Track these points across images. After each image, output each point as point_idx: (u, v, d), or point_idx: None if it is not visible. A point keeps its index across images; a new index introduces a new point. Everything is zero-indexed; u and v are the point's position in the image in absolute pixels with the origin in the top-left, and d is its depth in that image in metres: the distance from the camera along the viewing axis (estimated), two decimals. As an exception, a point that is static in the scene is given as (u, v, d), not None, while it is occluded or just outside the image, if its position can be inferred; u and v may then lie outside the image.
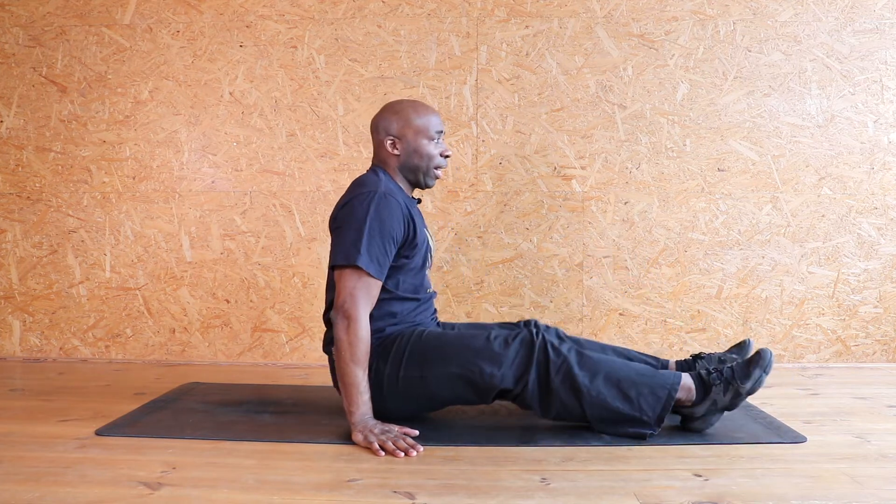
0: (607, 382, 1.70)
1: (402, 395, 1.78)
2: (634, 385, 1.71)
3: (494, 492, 1.39)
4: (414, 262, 1.85)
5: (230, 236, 2.73)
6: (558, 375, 1.70)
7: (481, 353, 1.74)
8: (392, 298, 1.82)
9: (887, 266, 2.66)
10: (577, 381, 1.70)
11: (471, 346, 1.76)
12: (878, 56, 2.63)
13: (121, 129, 2.74)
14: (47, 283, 2.78)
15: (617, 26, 2.65)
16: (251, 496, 1.37)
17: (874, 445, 1.66)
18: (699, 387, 1.72)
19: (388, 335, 1.81)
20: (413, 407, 1.83)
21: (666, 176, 2.66)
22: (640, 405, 1.69)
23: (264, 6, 2.70)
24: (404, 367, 1.77)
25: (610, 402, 1.70)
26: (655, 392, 1.70)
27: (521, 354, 1.73)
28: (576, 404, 1.71)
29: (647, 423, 1.69)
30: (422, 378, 1.76)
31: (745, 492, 1.37)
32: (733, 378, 1.70)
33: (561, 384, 1.70)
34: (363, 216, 1.74)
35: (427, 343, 1.80)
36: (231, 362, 2.73)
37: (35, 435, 1.77)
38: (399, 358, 1.78)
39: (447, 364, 1.76)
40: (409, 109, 1.88)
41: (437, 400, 1.83)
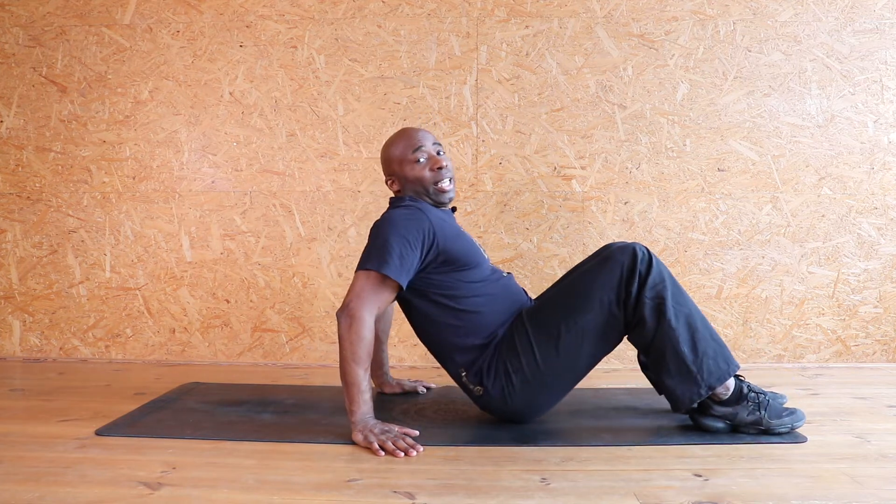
0: (687, 324, 1.70)
1: (550, 376, 1.76)
2: (707, 342, 1.70)
3: (494, 492, 1.39)
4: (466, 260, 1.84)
5: (230, 236, 2.73)
6: (651, 291, 1.70)
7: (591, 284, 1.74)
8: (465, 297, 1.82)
9: (887, 266, 2.66)
10: (665, 305, 1.69)
11: (580, 288, 1.76)
12: (878, 56, 2.63)
13: (121, 129, 2.74)
14: (47, 283, 2.78)
15: (617, 26, 2.65)
16: (251, 496, 1.37)
17: (874, 445, 1.66)
18: (735, 392, 1.73)
19: (503, 336, 1.81)
20: (566, 381, 1.80)
21: (666, 176, 2.66)
22: (702, 363, 1.69)
23: (264, 6, 2.70)
24: (536, 348, 1.76)
25: (679, 344, 1.69)
26: (721, 361, 1.70)
27: (626, 264, 1.72)
28: (652, 327, 1.70)
29: (697, 384, 1.68)
30: (557, 350, 1.74)
31: (745, 492, 1.37)
32: (766, 409, 1.72)
33: (650, 300, 1.70)
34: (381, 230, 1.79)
35: (539, 316, 1.79)
36: (231, 362, 2.73)
37: (35, 435, 1.77)
38: (526, 344, 1.76)
39: (569, 320, 1.74)
40: (386, 146, 1.96)
41: (580, 362, 1.78)
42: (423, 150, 1.89)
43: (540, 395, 1.78)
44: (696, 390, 1.69)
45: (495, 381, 1.78)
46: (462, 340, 1.81)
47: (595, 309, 1.73)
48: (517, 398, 1.77)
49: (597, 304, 1.73)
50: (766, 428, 1.72)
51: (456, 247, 1.83)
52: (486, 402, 1.82)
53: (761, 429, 1.72)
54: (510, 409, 1.80)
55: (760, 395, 1.74)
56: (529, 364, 1.75)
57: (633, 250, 1.74)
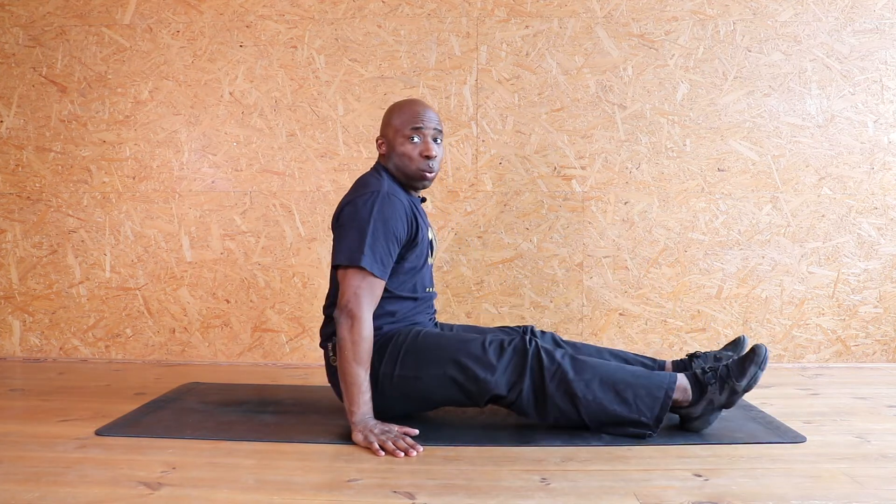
0: (603, 386, 1.70)
1: (396, 393, 1.78)
2: (631, 387, 1.70)
3: (494, 492, 1.39)
4: (412, 262, 1.85)
5: (230, 236, 2.73)
6: (553, 382, 1.70)
7: (477, 359, 1.74)
8: (391, 297, 1.82)
9: (887, 266, 2.66)
10: (572, 386, 1.70)
11: (466, 350, 1.76)
12: (878, 56, 2.63)
13: (121, 129, 2.74)
14: (47, 283, 2.78)
15: (617, 26, 2.65)
16: (251, 496, 1.37)
17: (874, 445, 1.66)
18: (695, 386, 1.72)
19: (385, 333, 1.81)
20: (406, 406, 1.83)
21: (666, 176, 2.66)
22: (638, 407, 1.69)
23: (264, 6, 2.70)
24: (399, 365, 1.77)
25: (607, 406, 1.70)
26: (652, 393, 1.70)
27: (514, 362, 1.73)
28: (573, 409, 1.71)
29: (646, 424, 1.69)
30: (416, 378, 1.76)
31: (745, 492, 1.37)
32: (728, 376, 1.69)
33: (556, 390, 1.70)
34: (367, 216, 1.74)
35: (424, 343, 1.79)
36: (231, 362, 2.73)
37: (35, 435, 1.77)
38: (395, 357, 1.78)
39: (442, 366, 1.75)
40: (394, 108, 1.91)
41: (430, 400, 1.83)
42: (421, 132, 1.85)
43: (379, 400, 1.77)
44: (648, 428, 1.70)
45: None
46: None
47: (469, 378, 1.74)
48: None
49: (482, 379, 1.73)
50: (745, 389, 1.69)
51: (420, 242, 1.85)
52: (332, 375, 1.84)
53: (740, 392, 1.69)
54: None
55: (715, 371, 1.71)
56: (385, 373, 1.77)
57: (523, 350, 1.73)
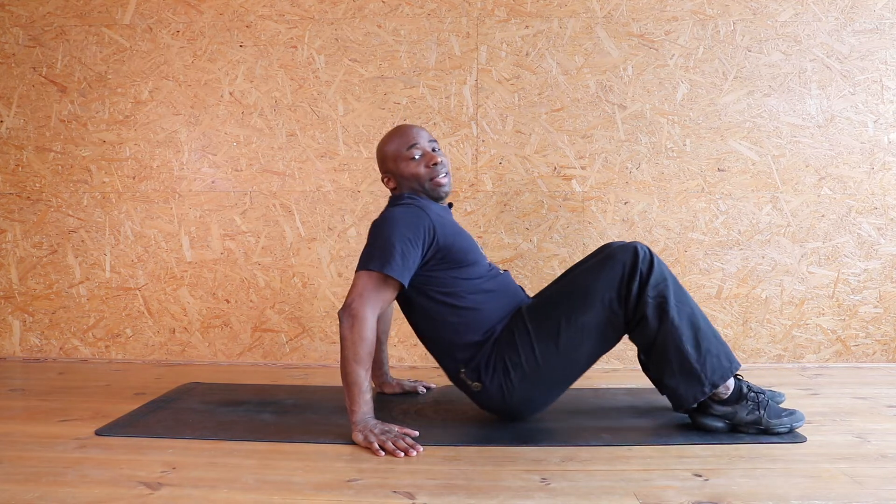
0: (690, 323, 1.71)
1: (549, 372, 1.76)
2: (710, 341, 1.71)
3: (494, 492, 1.39)
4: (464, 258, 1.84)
5: (230, 236, 2.73)
6: (654, 290, 1.70)
7: (592, 282, 1.74)
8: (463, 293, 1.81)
9: (887, 266, 2.66)
10: (667, 303, 1.70)
11: (581, 286, 1.76)
12: (878, 56, 2.63)
13: (121, 129, 2.74)
14: (47, 283, 2.78)
15: (617, 26, 2.65)
16: (251, 496, 1.37)
17: (874, 445, 1.66)
18: (735, 391, 1.73)
19: (501, 332, 1.80)
20: (564, 378, 1.80)
21: (666, 176, 2.66)
22: (706, 361, 1.69)
23: (264, 6, 2.70)
24: (536, 344, 1.76)
25: (683, 342, 1.69)
26: (723, 359, 1.71)
27: (628, 263, 1.72)
28: (655, 325, 1.70)
29: (701, 381, 1.69)
30: (557, 347, 1.74)
31: (745, 492, 1.37)
32: (766, 408, 1.72)
33: (653, 299, 1.70)
34: (380, 229, 1.79)
35: (539, 313, 1.79)
36: (231, 362, 2.73)
37: (35, 435, 1.77)
38: (526, 340, 1.76)
39: (569, 316, 1.74)
40: (382, 143, 1.96)
41: (579, 360, 1.78)
42: (417, 147, 1.89)
43: (538, 392, 1.78)
44: (699, 388, 1.70)
45: (493, 377, 1.78)
46: (461, 337, 1.81)
47: (596, 307, 1.73)
48: (515, 394, 1.77)
49: (598, 302, 1.73)
50: (765, 428, 1.72)
51: (455, 244, 1.83)
52: (483, 399, 1.82)
53: (760, 428, 1.72)
54: (508, 405, 1.80)
55: (760, 394, 1.74)
56: (528, 360, 1.75)
57: (635, 249, 1.74)
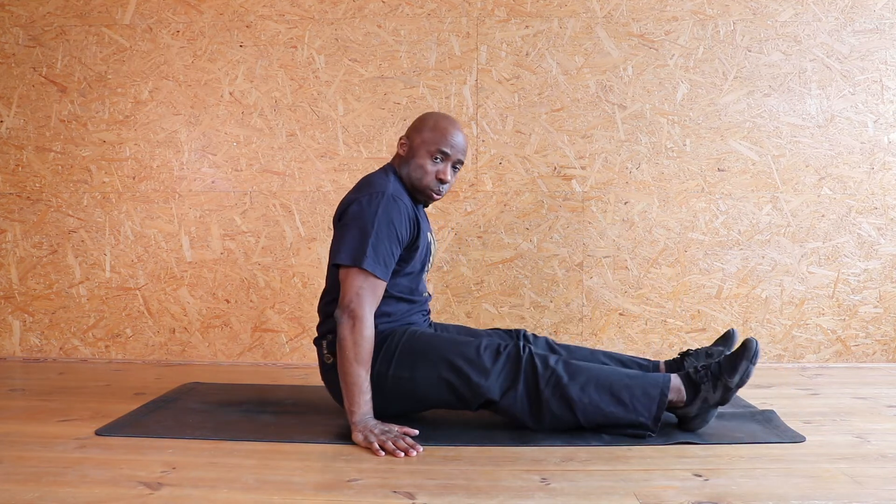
0: (599, 389, 1.71)
1: (389, 393, 1.78)
2: (627, 389, 1.71)
3: (494, 492, 1.39)
4: (411, 266, 1.86)
5: (230, 236, 2.73)
6: (548, 387, 1.71)
7: (471, 362, 1.74)
8: (388, 298, 1.82)
9: (887, 266, 2.66)
10: (567, 391, 1.70)
11: (461, 353, 1.76)
12: (878, 56, 2.63)
13: (121, 129, 2.74)
14: (47, 283, 2.78)
15: (617, 26, 2.65)
16: (251, 496, 1.37)
17: (874, 445, 1.66)
18: (688, 386, 1.72)
19: (381, 332, 1.81)
20: (401, 405, 1.82)
21: (666, 176, 2.66)
22: (636, 407, 1.70)
23: (264, 6, 2.70)
24: (394, 365, 1.77)
25: (604, 409, 1.70)
26: (648, 393, 1.70)
27: (508, 367, 1.73)
28: (569, 414, 1.71)
29: (644, 424, 1.70)
30: (410, 378, 1.77)
31: (745, 492, 1.37)
32: (720, 373, 1.70)
33: (552, 396, 1.71)
34: (371, 216, 1.74)
35: (418, 344, 1.79)
36: (231, 362, 2.73)
37: (35, 435, 1.77)
38: (390, 356, 1.78)
39: (436, 367, 1.76)
40: (431, 120, 1.88)
41: (423, 401, 1.82)
42: (447, 157, 1.85)
43: (376, 399, 1.76)
44: (647, 427, 1.70)
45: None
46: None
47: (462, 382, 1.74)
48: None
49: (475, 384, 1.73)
50: (738, 383, 1.68)
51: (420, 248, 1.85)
52: (327, 372, 1.84)
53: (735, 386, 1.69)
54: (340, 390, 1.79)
55: (707, 369, 1.71)
56: (380, 371, 1.77)
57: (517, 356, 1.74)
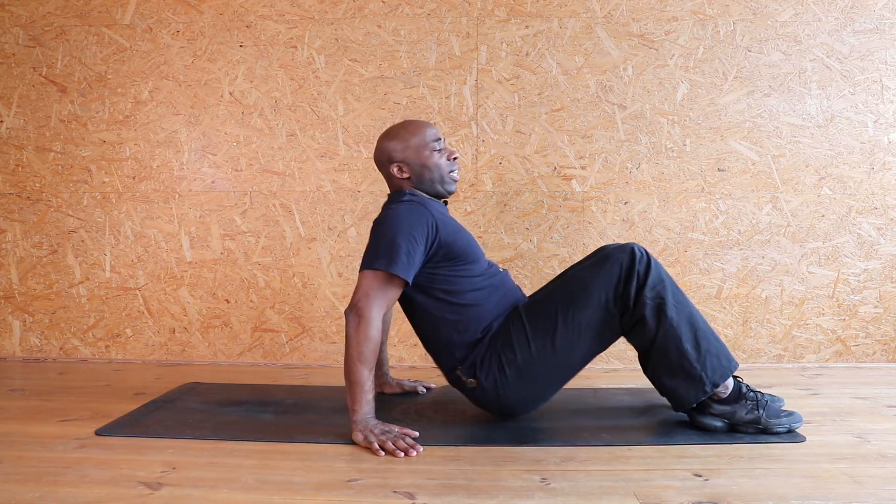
0: (689, 323, 1.71)
1: (544, 370, 1.77)
2: (709, 340, 1.72)
3: (494, 492, 1.39)
4: (465, 254, 1.85)
5: (230, 236, 2.73)
6: (652, 291, 1.71)
7: (589, 281, 1.75)
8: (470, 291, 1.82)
9: (887, 266, 2.66)
10: (665, 304, 1.70)
11: (578, 286, 1.77)
12: (878, 56, 2.63)
13: (121, 129, 2.74)
14: (47, 283, 2.78)
15: (617, 26, 2.65)
16: (251, 496, 1.37)
17: (874, 445, 1.66)
18: (734, 391, 1.74)
19: (498, 329, 1.81)
20: (559, 377, 1.80)
21: (666, 176, 2.66)
22: (705, 361, 1.70)
23: (264, 6, 2.70)
24: (532, 342, 1.76)
25: (682, 342, 1.70)
26: (722, 358, 1.72)
27: (625, 263, 1.73)
28: (654, 326, 1.71)
29: (701, 381, 1.70)
30: (553, 344, 1.75)
31: (745, 492, 1.37)
32: (763, 407, 1.72)
33: (651, 300, 1.71)
34: (386, 224, 1.78)
35: (535, 311, 1.80)
36: (231, 362, 2.73)
37: (35, 435, 1.77)
38: (522, 337, 1.77)
39: (566, 315, 1.75)
40: (402, 131, 1.92)
41: (575, 359, 1.79)
42: (440, 142, 1.92)
43: (532, 389, 1.79)
44: (700, 388, 1.70)
45: (489, 374, 1.78)
46: (459, 335, 1.82)
47: (593, 306, 1.74)
48: (510, 391, 1.78)
49: (595, 302, 1.74)
50: (763, 427, 1.72)
51: (456, 241, 1.84)
52: (478, 396, 1.83)
53: (759, 428, 1.72)
54: (503, 402, 1.81)
55: (759, 394, 1.74)
56: (524, 357, 1.76)
57: (632, 250, 1.75)
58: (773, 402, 1.79)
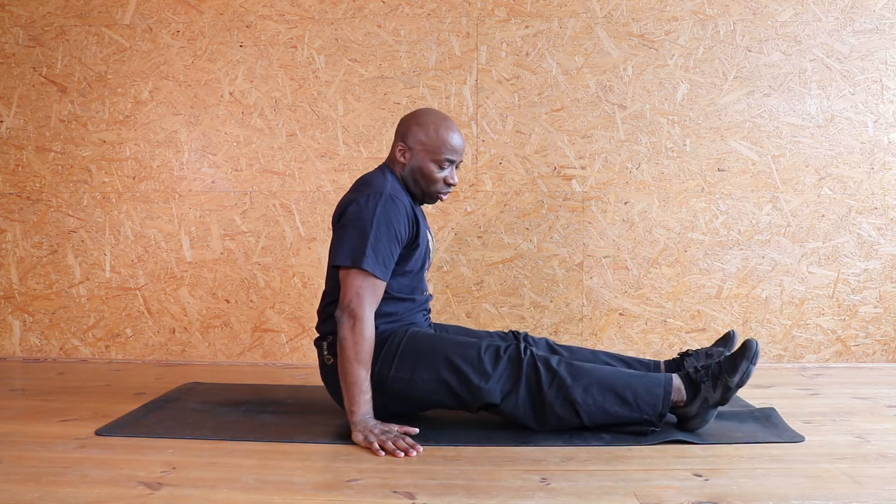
0: (602, 390, 1.71)
1: (389, 393, 1.78)
2: (630, 387, 1.71)
3: (494, 492, 1.39)
4: (412, 264, 1.86)
5: (230, 236, 2.73)
6: (551, 389, 1.71)
7: (472, 364, 1.74)
8: (389, 298, 1.82)
9: (887, 266, 2.66)
10: (571, 393, 1.70)
11: (462, 354, 1.76)
12: (878, 56, 2.63)
13: (121, 129, 2.74)
14: (47, 283, 2.78)
15: (617, 26, 2.65)
16: (251, 496, 1.37)
17: (874, 445, 1.66)
18: (688, 386, 1.72)
19: (382, 333, 1.81)
20: (400, 405, 1.82)
21: (666, 176, 2.66)
22: (640, 406, 1.70)
23: (264, 6, 2.70)
24: (395, 366, 1.77)
25: (609, 409, 1.70)
26: (652, 391, 1.71)
27: (509, 371, 1.73)
28: (573, 415, 1.71)
29: (650, 421, 1.70)
30: (410, 380, 1.77)
31: (745, 492, 1.37)
32: (721, 373, 1.69)
33: (555, 398, 1.71)
34: (370, 217, 1.74)
35: (419, 345, 1.79)
36: (231, 362, 2.73)
37: (35, 435, 1.77)
38: (391, 357, 1.78)
39: (436, 369, 1.76)
40: (432, 126, 1.85)
41: (423, 402, 1.83)
42: (453, 164, 1.87)
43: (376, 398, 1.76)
44: (652, 424, 1.71)
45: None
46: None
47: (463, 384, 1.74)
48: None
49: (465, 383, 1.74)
50: (738, 383, 1.68)
51: (421, 246, 1.86)
52: (327, 374, 1.84)
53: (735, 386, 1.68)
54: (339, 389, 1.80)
55: (707, 368, 1.72)
56: (382, 371, 1.77)
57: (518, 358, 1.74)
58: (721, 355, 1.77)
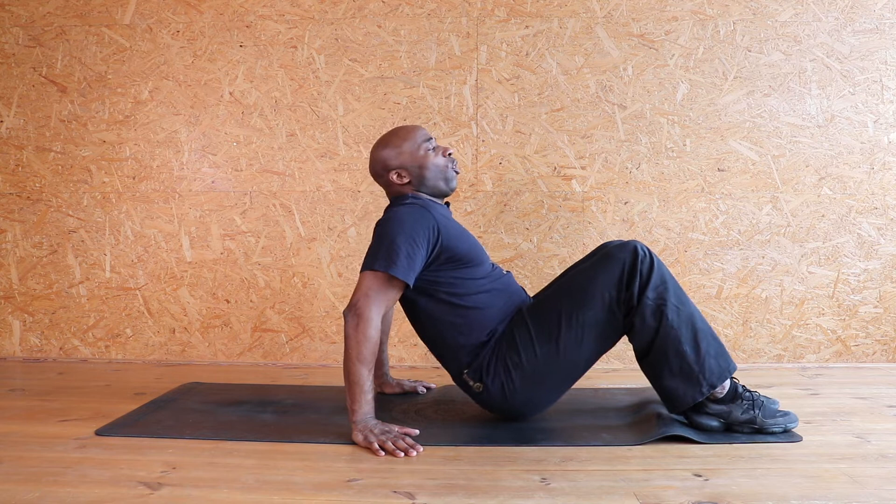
0: (689, 324, 1.71)
1: (550, 372, 1.77)
2: (708, 342, 1.71)
3: (494, 492, 1.39)
4: (469, 257, 1.85)
5: (230, 236, 2.73)
6: (654, 293, 1.71)
7: (591, 281, 1.75)
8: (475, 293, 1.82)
9: (887, 266, 2.66)
10: (666, 306, 1.70)
11: (580, 286, 1.76)
12: (878, 56, 2.63)
13: (121, 129, 2.74)
14: (47, 283, 2.78)
15: (617, 26, 2.65)
16: (251, 496, 1.37)
17: (874, 445, 1.67)
18: (730, 390, 1.74)
19: (503, 332, 1.81)
20: (565, 378, 1.80)
21: (666, 176, 2.66)
22: (704, 363, 1.69)
23: (264, 6, 2.70)
24: (536, 344, 1.76)
25: (681, 344, 1.70)
26: (721, 360, 1.71)
27: (627, 263, 1.73)
28: (653, 327, 1.70)
29: (699, 383, 1.69)
30: (557, 346, 1.75)
31: (745, 492, 1.37)
32: (760, 408, 1.73)
33: (652, 301, 1.71)
34: (387, 227, 1.78)
35: (539, 313, 1.80)
36: (231, 362, 2.73)
37: (35, 435, 1.78)
38: (527, 340, 1.77)
39: (569, 316, 1.75)
40: (393, 138, 1.93)
41: (580, 359, 1.79)
42: (431, 141, 1.93)
43: (539, 392, 1.79)
44: (697, 389, 1.70)
45: (495, 378, 1.78)
46: (464, 338, 1.82)
47: (596, 307, 1.74)
48: (517, 394, 1.78)
49: (598, 302, 1.74)
50: (759, 427, 1.72)
51: (459, 244, 1.84)
52: (485, 399, 1.83)
53: (755, 427, 1.72)
54: (509, 405, 1.81)
55: (754, 395, 1.75)
56: (529, 360, 1.76)
57: (634, 248, 1.75)
58: (769, 403, 1.80)
